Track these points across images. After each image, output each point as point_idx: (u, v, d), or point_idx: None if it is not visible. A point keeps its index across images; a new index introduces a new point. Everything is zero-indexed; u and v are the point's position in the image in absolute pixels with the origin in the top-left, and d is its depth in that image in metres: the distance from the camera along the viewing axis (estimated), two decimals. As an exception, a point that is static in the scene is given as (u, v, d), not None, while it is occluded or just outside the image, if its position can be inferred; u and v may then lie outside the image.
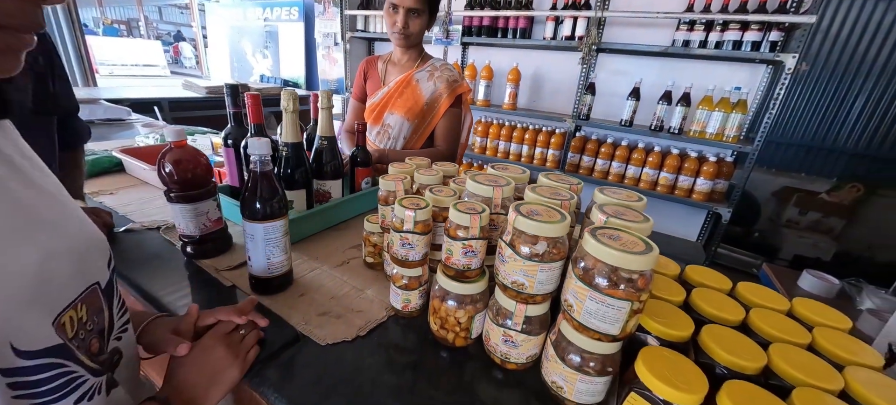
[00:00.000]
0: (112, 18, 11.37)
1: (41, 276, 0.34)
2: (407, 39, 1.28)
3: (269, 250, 0.67)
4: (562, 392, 0.52)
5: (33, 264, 0.34)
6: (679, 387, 0.41)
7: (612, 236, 0.46)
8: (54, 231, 0.37)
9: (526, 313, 0.53)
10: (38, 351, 0.34)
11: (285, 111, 0.82)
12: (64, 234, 0.38)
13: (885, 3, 3.26)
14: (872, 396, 0.43)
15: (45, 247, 0.35)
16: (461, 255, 0.55)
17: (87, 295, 0.39)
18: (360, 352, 0.60)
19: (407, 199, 0.61)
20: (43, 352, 0.34)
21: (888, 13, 3.28)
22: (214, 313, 0.55)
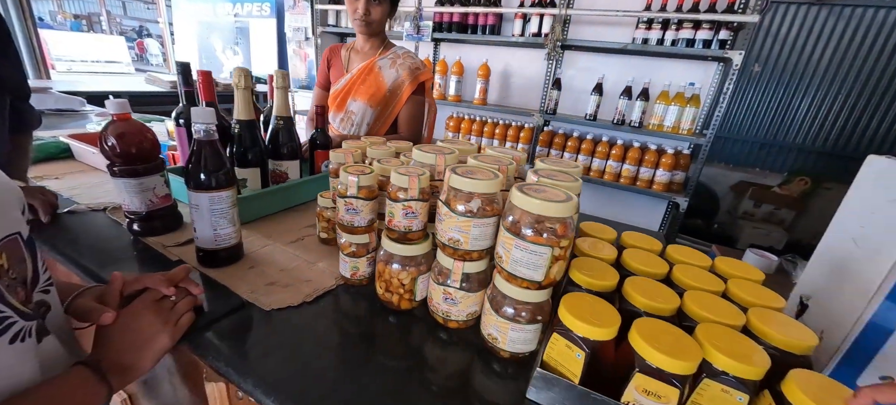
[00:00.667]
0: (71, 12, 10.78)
1: None
2: (368, 27, 1.29)
3: (216, 221, 0.67)
4: (496, 342, 0.54)
5: None
6: (594, 323, 0.44)
7: (537, 190, 0.49)
8: None
9: (463, 270, 0.56)
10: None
11: (236, 88, 0.82)
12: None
13: (826, 10, 3.51)
14: (767, 328, 0.48)
15: None
16: (402, 217, 0.57)
17: (6, 242, 0.39)
18: (307, 318, 0.61)
19: (352, 167, 0.62)
20: None
21: (830, 19, 3.53)
22: (142, 280, 0.54)
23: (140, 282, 0.54)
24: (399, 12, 2.87)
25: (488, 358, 0.57)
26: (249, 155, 0.87)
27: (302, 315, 0.62)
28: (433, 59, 2.93)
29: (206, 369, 0.53)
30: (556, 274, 0.49)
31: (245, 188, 0.89)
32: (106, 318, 0.49)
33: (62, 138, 1.20)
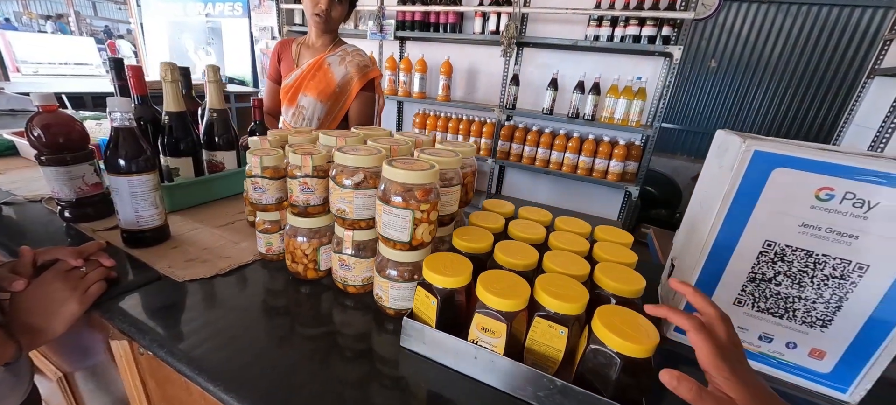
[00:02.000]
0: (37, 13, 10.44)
1: None
2: (326, 24, 1.34)
3: (136, 204, 0.72)
4: (382, 300, 0.61)
5: None
6: (446, 273, 0.51)
7: (405, 163, 0.56)
8: None
9: (354, 238, 0.62)
10: None
11: (164, 81, 0.86)
12: None
13: (775, 8, 3.69)
14: (605, 278, 0.56)
15: None
16: (300, 192, 0.64)
17: None
18: (218, 289, 0.67)
19: (258, 150, 0.68)
20: None
21: (779, 16, 3.71)
22: (52, 252, 0.59)
23: (51, 253, 0.59)
24: (362, 11, 2.92)
25: (381, 317, 0.63)
26: (181, 145, 0.92)
27: (216, 285, 0.67)
28: (397, 56, 2.99)
29: (112, 330, 0.58)
30: (422, 235, 0.56)
31: (177, 177, 0.94)
32: (17, 286, 0.54)
33: (6, 135, 1.22)
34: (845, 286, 0.51)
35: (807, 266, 0.53)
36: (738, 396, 0.36)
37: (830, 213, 0.50)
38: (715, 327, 0.41)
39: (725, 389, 0.37)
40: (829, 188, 0.49)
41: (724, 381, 0.37)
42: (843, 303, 0.52)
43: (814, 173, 0.49)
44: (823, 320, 0.54)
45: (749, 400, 0.35)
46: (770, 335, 0.58)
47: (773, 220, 0.53)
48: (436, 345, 0.52)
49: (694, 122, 4.28)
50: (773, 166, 0.51)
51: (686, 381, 0.37)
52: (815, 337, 0.55)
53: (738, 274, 0.57)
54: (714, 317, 0.42)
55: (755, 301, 0.57)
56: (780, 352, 0.58)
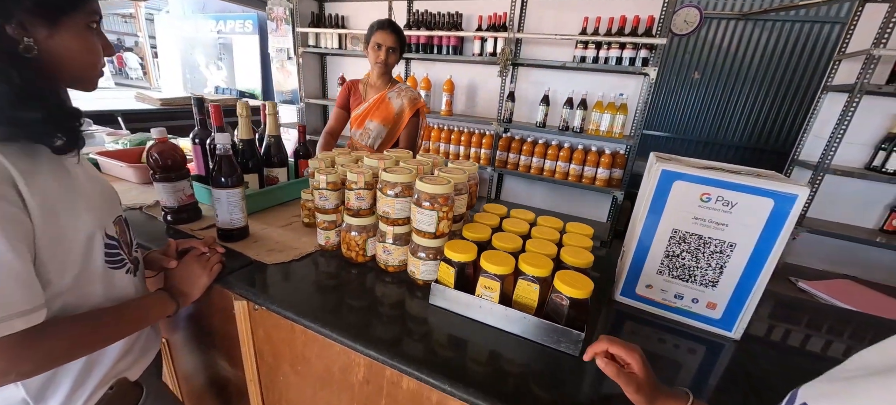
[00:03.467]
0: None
1: (107, 203, 0.67)
2: (386, 68, 1.80)
3: (231, 209, 0.98)
4: (415, 275, 0.88)
5: (101, 195, 0.66)
6: (460, 253, 0.78)
7: (432, 180, 0.83)
8: (102, 183, 0.70)
9: (394, 232, 0.89)
10: (112, 237, 0.67)
11: (241, 117, 1.14)
12: (104, 186, 0.71)
13: (752, 23, 3.98)
14: (566, 257, 0.82)
15: (101, 189, 0.68)
16: (355, 200, 0.90)
17: (119, 219, 0.71)
18: (295, 270, 0.93)
19: (323, 169, 0.95)
20: (113, 238, 0.68)
21: (755, 30, 4.00)
22: (186, 243, 0.86)
23: (186, 243, 0.86)
24: (372, 35, 3.20)
25: (412, 287, 0.90)
26: (250, 163, 1.19)
27: (291, 267, 0.94)
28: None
29: (233, 296, 0.84)
30: (443, 228, 0.82)
31: (248, 188, 1.20)
32: (171, 264, 0.81)
33: (92, 155, 1.49)
34: (724, 258, 0.78)
35: (699, 245, 0.79)
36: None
37: (710, 210, 0.77)
38: (632, 365, 0.57)
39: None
40: (707, 193, 0.76)
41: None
42: (723, 269, 0.79)
43: (698, 184, 0.76)
44: (713, 281, 0.80)
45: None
46: (681, 294, 0.84)
47: (676, 215, 0.80)
48: (453, 299, 0.79)
49: (680, 130, 4.56)
50: (674, 179, 0.78)
51: (611, 366, 0.57)
52: (709, 294, 0.82)
53: (657, 252, 0.84)
54: (631, 357, 0.57)
55: (670, 270, 0.84)
56: (689, 306, 0.84)
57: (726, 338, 0.83)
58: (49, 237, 0.58)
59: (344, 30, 3.26)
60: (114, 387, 0.72)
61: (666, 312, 0.87)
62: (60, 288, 0.61)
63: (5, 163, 0.54)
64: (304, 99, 3.59)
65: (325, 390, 0.83)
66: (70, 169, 0.64)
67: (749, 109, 4.19)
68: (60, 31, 0.58)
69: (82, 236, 0.63)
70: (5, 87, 0.53)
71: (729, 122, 4.34)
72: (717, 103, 4.32)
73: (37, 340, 0.56)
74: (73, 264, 0.62)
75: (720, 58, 4.18)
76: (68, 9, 0.59)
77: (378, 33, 1.73)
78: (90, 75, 0.65)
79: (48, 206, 0.58)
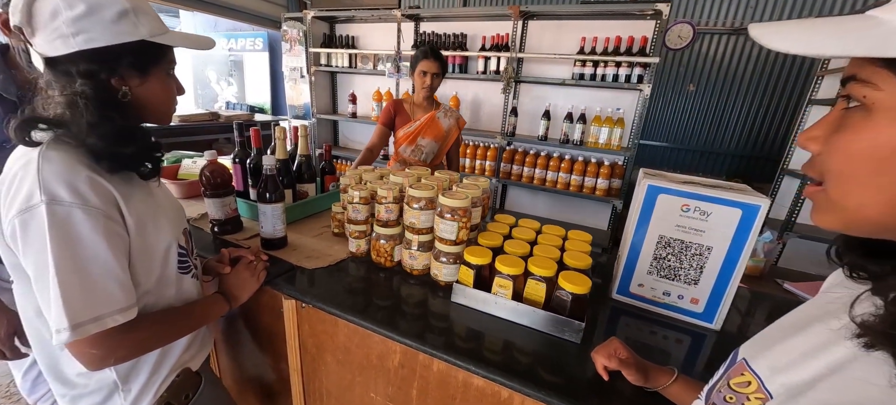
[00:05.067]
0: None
1: (178, 217, 0.81)
2: (431, 91, 2.06)
3: (274, 221, 1.13)
4: (437, 277, 1.02)
5: (176, 212, 0.81)
6: (478, 257, 0.92)
7: (452, 195, 0.97)
8: (173, 201, 0.84)
9: (418, 240, 1.03)
10: (182, 246, 0.81)
11: (278, 140, 1.29)
12: (175, 204, 0.85)
13: (744, 37, 4.14)
14: (568, 260, 0.96)
15: (174, 206, 0.83)
16: (385, 213, 1.05)
17: (185, 231, 0.85)
18: (331, 274, 1.07)
19: (356, 186, 1.10)
20: (183, 248, 0.81)
21: (747, 43, 4.16)
22: (237, 252, 1.00)
23: (237, 252, 1.00)
24: (381, 54, 3.39)
25: (435, 288, 1.04)
26: (285, 181, 1.34)
27: (328, 273, 1.08)
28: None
29: (282, 296, 0.98)
30: (462, 236, 0.96)
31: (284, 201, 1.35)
32: (225, 269, 0.95)
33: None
34: (703, 259, 0.92)
35: (682, 249, 0.93)
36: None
37: (690, 218, 0.90)
38: (620, 353, 0.72)
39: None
40: (686, 205, 0.90)
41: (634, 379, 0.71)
42: (703, 269, 0.92)
43: (679, 197, 0.90)
44: (694, 280, 0.94)
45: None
46: (669, 291, 0.97)
47: (661, 223, 0.93)
48: (472, 297, 0.92)
49: (677, 140, 4.70)
50: (658, 193, 0.92)
51: (611, 364, 0.73)
52: (692, 290, 0.95)
53: (646, 255, 0.97)
54: (616, 352, 0.73)
55: (658, 271, 0.97)
56: (675, 301, 0.98)
57: (708, 328, 0.96)
58: (139, 248, 0.72)
59: (354, 50, 3.45)
60: (180, 374, 0.86)
61: (656, 308, 1.00)
62: (146, 288, 0.75)
63: (112, 189, 0.68)
64: (315, 114, 3.77)
65: (362, 375, 0.96)
66: (153, 190, 0.79)
67: (743, 119, 4.34)
68: (149, 79, 0.73)
69: (162, 246, 0.77)
70: (110, 127, 0.67)
71: (724, 131, 4.49)
72: (712, 113, 4.47)
73: (130, 332, 0.70)
74: (155, 269, 0.76)
75: (714, 70, 4.35)
76: (156, 61, 0.73)
77: (423, 62, 1.95)
78: (168, 111, 0.79)
79: (141, 223, 0.72)
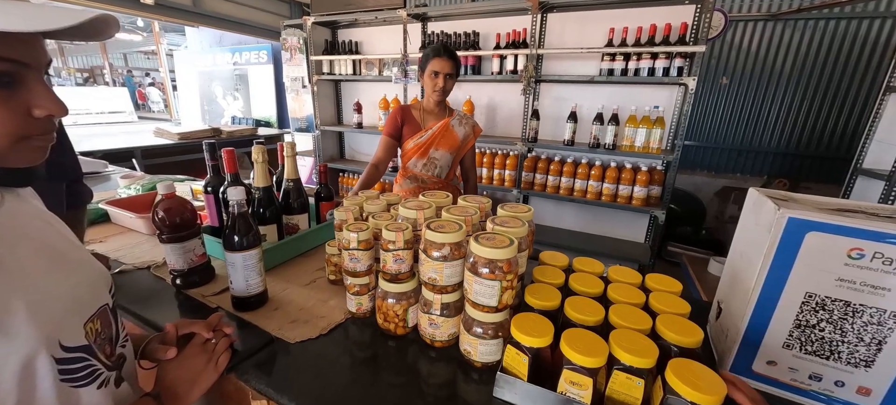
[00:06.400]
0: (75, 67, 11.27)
1: (73, 297, 0.52)
2: (444, 95, 1.73)
3: (247, 274, 0.84)
4: (470, 355, 0.71)
5: (68, 288, 0.51)
6: (534, 335, 0.61)
7: (489, 239, 0.67)
8: (78, 267, 0.55)
9: (442, 301, 0.73)
10: (75, 347, 0.51)
11: (256, 162, 1.01)
12: (83, 270, 0.56)
13: (782, 24, 3.78)
14: (667, 330, 0.65)
15: (74, 278, 0.53)
16: (393, 263, 0.75)
17: (100, 312, 0.56)
18: (324, 347, 0.78)
19: (352, 225, 0.80)
20: (77, 349, 0.51)
21: (786, 31, 3.79)
22: (188, 326, 0.71)
23: (187, 327, 0.70)
24: (387, 59, 3.13)
25: (466, 368, 0.73)
26: (267, 213, 1.06)
27: (320, 344, 0.78)
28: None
29: (252, 391, 0.69)
30: (507, 299, 0.66)
31: (265, 242, 1.07)
32: (170, 354, 0.65)
33: (101, 205, 1.39)
34: (883, 331, 0.59)
35: (846, 314, 0.61)
36: None
37: (862, 269, 0.58)
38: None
39: None
40: (859, 249, 0.58)
41: None
42: (883, 345, 0.60)
43: (844, 236, 0.58)
44: (866, 361, 0.62)
45: None
46: (819, 374, 0.65)
47: (811, 275, 0.62)
48: (528, 395, 0.62)
49: (711, 139, 4.32)
50: (806, 230, 0.60)
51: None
52: (861, 376, 0.62)
53: (784, 321, 0.65)
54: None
55: (802, 344, 0.65)
56: (830, 390, 0.65)
57: (886, 432, 0.63)
58: None
59: (358, 55, 3.19)
60: None
61: (797, 397, 0.68)
62: None
63: None
64: (319, 126, 3.52)
65: None
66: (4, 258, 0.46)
67: (784, 113, 3.94)
68: None
69: (12, 365, 0.44)
70: None
71: (762, 127, 4.09)
72: (748, 108, 4.08)
73: None
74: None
75: (749, 61, 3.97)
76: None
77: (434, 61, 1.64)
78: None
79: None
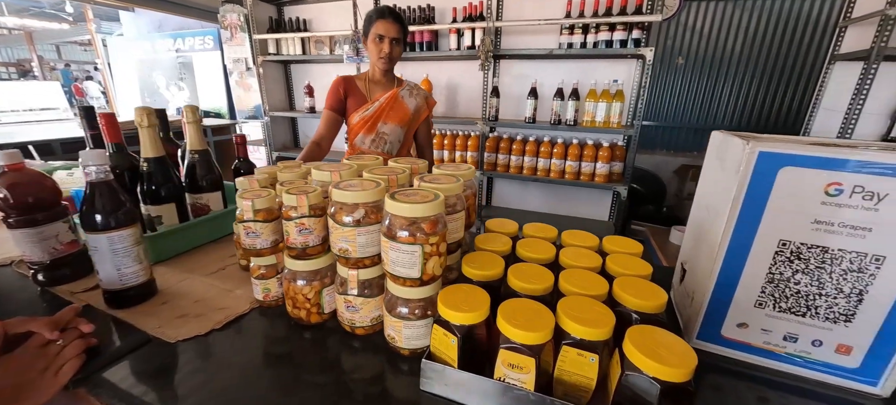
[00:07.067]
0: None
1: None
2: (390, 63, 1.55)
3: (118, 261, 0.67)
4: (395, 342, 0.58)
5: None
6: (463, 309, 0.49)
7: (408, 195, 0.53)
8: None
9: (359, 277, 0.59)
10: None
11: (140, 127, 0.82)
12: None
13: (732, 4, 3.86)
14: (625, 295, 0.54)
15: None
16: (297, 234, 0.60)
17: None
18: (217, 345, 0.62)
19: (247, 191, 0.64)
20: None
21: (736, 12, 3.88)
22: (25, 323, 0.53)
23: (23, 325, 0.53)
24: (337, 36, 2.92)
25: (394, 358, 0.60)
26: (162, 191, 0.87)
27: (215, 343, 0.63)
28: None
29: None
30: (432, 269, 0.53)
31: (161, 225, 0.88)
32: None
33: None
34: (864, 278, 0.51)
35: (823, 262, 0.52)
36: None
37: (841, 208, 0.50)
38: None
39: None
40: (837, 183, 0.49)
41: None
42: (864, 295, 0.52)
43: (820, 170, 0.49)
44: (846, 315, 0.53)
45: None
46: (794, 334, 0.57)
47: (785, 220, 0.53)
48: (460, 385, 0.49)
49: (669, 118, 4.40)
50: (779, 166, 0.51)
51: None
52: (840, 332, 0.54)
53: (755, 276, 0.56)
54: None
55: (776, 301, 0.56)
56: (807, 351, 0.57)
57: (867, 395, 0.56)
58: None
59: (306, 33, 2.95)
60: None
61: (769, 361, 0.60)
62: None
63: None
64: (268, 112, 3.25)
65: None
66: None
67: (736, 93, 4.06)
68: None
69: None
70: None
71: (717, 105, 4.20)
72: (703, 89, 4.18)
73: None
74: None
75: (702, 42, 4.05)
76: None
77: (378, 23, 1.47)
78: None
79: None
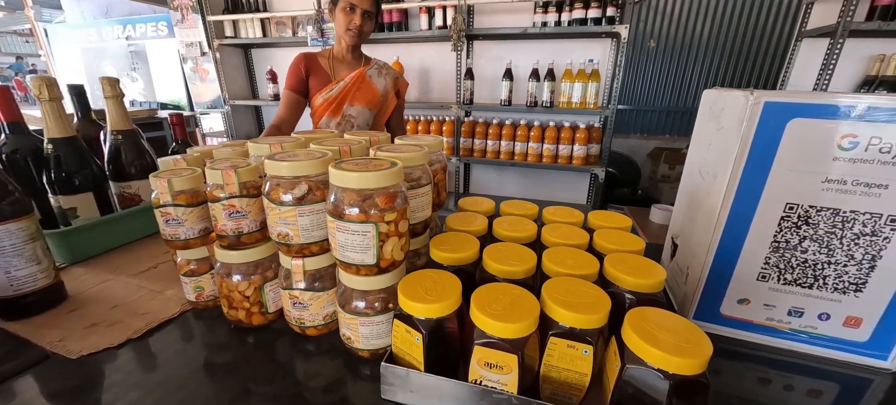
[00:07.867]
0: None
1: None
2: (359, 38, 1.41)
3: (6, 261, 0.54)
4: (352, 342, 0.48)
5: None
6: (428, 300, 0.40)
7: (358, 164, 0.43)
8: None
9: (305, 268, 0.49)
10: None
11: (40, 101, 0.68)
12: None
13: (704, -14, 3.89)
14: (618, 273, 0.47)
15: None
16: (227, 219, 0.49)
17: None
18: (136, 358, 0.51)
19: (163, 172, 0.53)
20: None
21: (706, -6, 3.91)
22: None
23: None
24: (300, 17, 2.74)
25: (354, 361, 0.51)
26: (75, 179, 0.73)
27: (133, 355, 0.51)
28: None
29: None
30: (391, 253, 0.44)
31: (76, 218, 0.75)
32: None
33: None
34: (878, 242, 0.46)
35: (834, 226, 0.47)
36: None
37: (855, 163, 0.44)
38: None
39: None
40: (851, 135, 0.43)
41: None
42: (876, 261, 0.46)
43: (834, 120, 0.43)
44: (857, 284, 0.48)
45: None
46: (800, 308, 0.51)
47: (793, 180, 0.46)
48: (428, 392, 0.40)
49: (642, 102, 4.45)
50: (787, 118, 0.44)
51: None
52: (849, 303, 0.49)
53: (758, 245, 0.50)
54: None
55: (781, 273, 0.50)
56: (813, 326, 0.52)
57: (876, 369, 0.51)
58: None
59: (266, 13, 2.75)
60: None
61: (772, 338, 0.54)
62: None
63: None
64: (228, 101, 3.04)
65: None
66: None
67: (707, 73, 4.13)
68: None
69: None
70: None
71: (688, 88, 4.28)
72: (674, 72, 4.24)
73: None
74: None
75: (672, 25, 4.09)
76: None
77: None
78: None
79: None
